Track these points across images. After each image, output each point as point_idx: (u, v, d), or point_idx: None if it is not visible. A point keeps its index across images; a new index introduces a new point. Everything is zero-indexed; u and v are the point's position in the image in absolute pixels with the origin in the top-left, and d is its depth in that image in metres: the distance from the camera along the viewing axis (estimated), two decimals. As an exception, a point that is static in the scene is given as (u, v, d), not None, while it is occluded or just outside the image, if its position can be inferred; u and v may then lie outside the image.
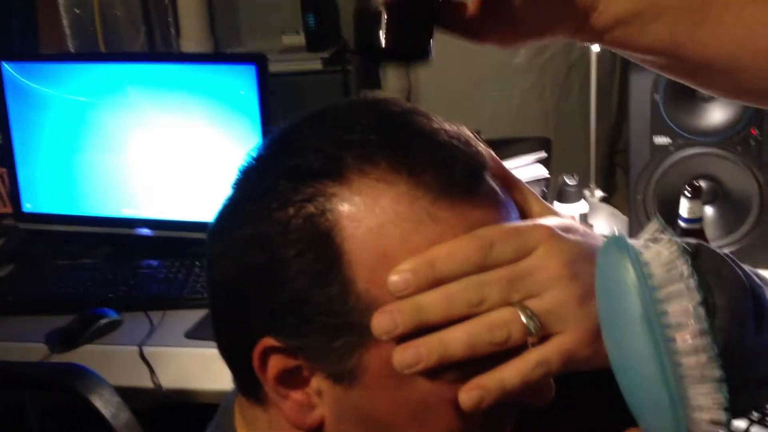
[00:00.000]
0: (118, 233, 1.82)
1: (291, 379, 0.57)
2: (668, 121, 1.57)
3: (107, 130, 1.79)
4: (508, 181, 0.60)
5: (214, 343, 0.62)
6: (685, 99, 1.56)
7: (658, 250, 0.49)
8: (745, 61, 0.64)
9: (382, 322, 0.52)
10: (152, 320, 1.58)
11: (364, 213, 0.53)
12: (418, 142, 0.55)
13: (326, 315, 0.54)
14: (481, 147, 0.58)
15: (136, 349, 1.49)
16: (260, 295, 0.55)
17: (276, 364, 0.56)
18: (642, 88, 1.56)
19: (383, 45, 0.59)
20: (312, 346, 0.55)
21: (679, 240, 0.49)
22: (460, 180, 0.54)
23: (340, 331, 0.54)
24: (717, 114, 1.56)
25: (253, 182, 0.58)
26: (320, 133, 0.57)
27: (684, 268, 0.48)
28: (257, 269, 0.55)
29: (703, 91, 0.71)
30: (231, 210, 0.59)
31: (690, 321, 0.47)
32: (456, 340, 0.51)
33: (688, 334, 0.47)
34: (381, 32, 0.59)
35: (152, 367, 1.43)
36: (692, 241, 0.62)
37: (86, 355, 1.48)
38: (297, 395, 0.57)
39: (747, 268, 0.63)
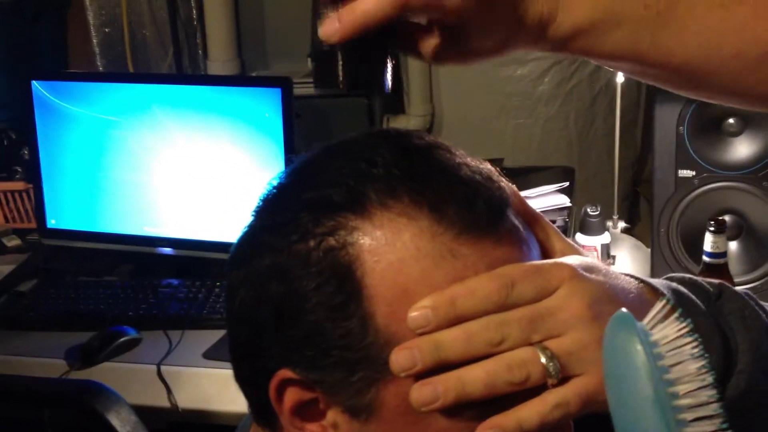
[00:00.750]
0: (140, 251, 1.84)
1: (307, 412, 0.57)
2: (693, 154, 1.56)
3: (133, 149, 1.80)
4: (531, 218, 0.59)
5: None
6: (711, 132, 1.55)
7: (667, 329, 0.47)
8: (713, 66, 0.63)
9: (400, 359, 0.51)
10: (171, 339, 1.58)
11: (386, 247, 0.53)
12: (440, 177, 0.55)
13: (344, 349, 0.53)
14: (504, 183, 0.58)
15: (154, 368, 1.49)
16: (278, 326, 0.55)
17: (292, 396, 0.56)
18: (667, 121, 1.56)
19: (339, 81, 0.59)
20: (329, 379, 0.55)
21: (688, 320, 0.48)
22: (482, 216, 0.54)
23: (358, 366, 0.54)
24: (742, 148, 1.55)
25: (273, 212, 0.59)
26: (342, 165, 0.57)
27: (693, 348, 0.47)
28: (276, 300, 0.55)
29: (676, 92, 0.70)
30: (251, 239, 0.59)
31: (701, 402, 0.46)
32: (475, 378, 0.50)
33: (700, 417, 0.46)
34: (337, 71, 0.59)
35: (169, 386, 1.44)
36: (714, 281, 0.61)
37: (105, 373, 1.48)
38: (313, 427, 0.57)
39: None
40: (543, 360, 0.50)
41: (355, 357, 0.53)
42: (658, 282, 0.59)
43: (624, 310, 0.48)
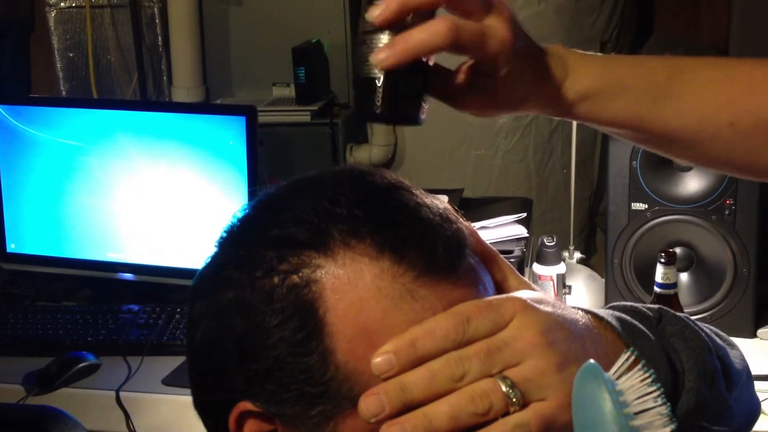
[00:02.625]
0: (100, 277, 1.83)
1: None
2: (645, 188, 1.61)
3: (96, 174, 1.81)
4: (488, 257, 0.62)
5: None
6: (662, 167, 1.60)
7: (631, 380, 0.51)
8: (708, 135, 0.69)
9: (369, 405, 0.52)
10: (130, 365, 1.58)
11: (348, 286, 0.55)
12: (401, 218, 0.57)
13: (305, 383, 0.55)
14: (462, 224, 0.60)
15: (113, 393, 1.49)
16: (240, 360, 0.57)
17: (252, 427, 0.57)
18: (621, 155, 1.60)
19: (378, 111, 0.62)
20: (289, 412, 0.56)
21: (651, 371, 0.51)
22: (441, 259, 0.56)
23: (317, 400, 0.55)
24: (693, 183, 1.60)
25: (238, 247, 0.59)
26: (307, 203, 0.58)
27: (656, 396, 0.50)
28: (239, 335, 0.56)
29: (675, 160, 0.76)
30: (215, 271, 0.60)
31: None
32: (440, 413, 0.52)
33: None
34: (377, 98, 0.62)
35: (128, 412, 1.44)
36: (654, 306, 0.64)
37: (63, 398, 1.48)
38: None
39: (707, 328, 0.65)
40: (504, 389, 0.52)
41: (315, 391, 0.55)
42: (603, 312, 0.62)
43: (592, 361, 0.51)
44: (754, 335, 1.63)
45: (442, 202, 0.60)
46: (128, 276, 1.82)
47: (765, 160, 0.71)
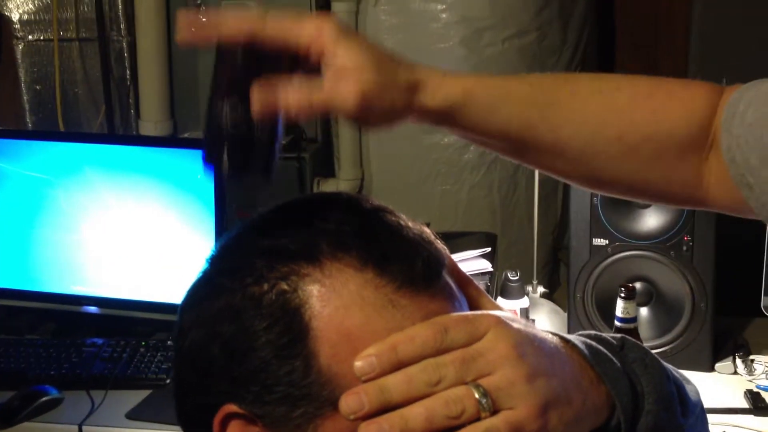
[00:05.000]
0: (63, 310, 1.82)
1: None
2: (606, 224, 1.65)
3: (62, 207, 1.81)
4: (463, 280, 0.65)
5: (155, 425, 0.64)
6: (623, 204, 1.64)
7: None
8: (598, 147, 0.71)
9: (350, 402, 0.55)
10: (94, 399, 1.57)
11: (333, 294, 0.58)
12: (385, 235, 0.61)
13: (288, 385, 0.58)
14: (440, 245, 0.64)
15: (75, 428, 1.48)
16: (227, 363, 0.59)
17: (235, 429, 0.59)
18: (582, 192, 1.64)
19: (225, 165, 0.64)
20: (272, 414, 0.59)
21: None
22: (420, 273, 0.60)
23: (299, 402, 0.58)
24: (652, 220, 1.64)
25: (230, 258, 0.63)
26: (298, 220, 0.62)
27: None
28: (227, 339, 0.59)
29: (559, 179, 0.78)
30: (205, 283, 0.63)
31: None
32: (416, 414, 0.55)
33: None
34: (224, 154, 0.64)
35: (91, 447, 1.43)
36: (617, 335, 0.67)
37: (25, 433, 1.46)
38: None
39: (663, 363, 0.68)
40: (476, 395, 0.55)
41: (298, 393, 0.58)
42: (570, 336, 0.65)
43: None
44: (712, 369, 1.66)
45: (423, 225, 0.64)
46: (93, 309, 1.81)
47: (653, 178, 0.74)
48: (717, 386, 1.62)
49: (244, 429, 0.59)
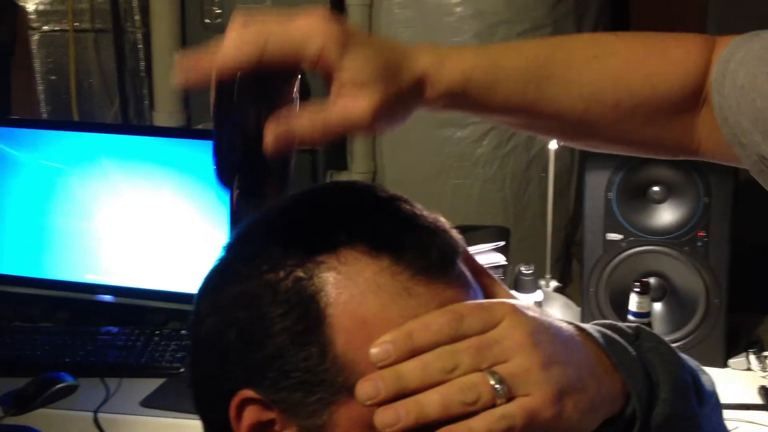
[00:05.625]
0: (78, 298, 1.83)
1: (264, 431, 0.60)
2: (621, 219, 1.64)
3: (77, 196, 1.82)
4: (476, 269, 0.65)
5: (169, 413, 0.65)
6: (637, 199, 1.64)
7: None
8: (595, 115, 0.71)
9: (366, 388, 0.56)
10: (108, 387, 1.58)
11: (349, 282, 0.59)
12: (401, 224, 0.62)
13: (304, 372, 0.58)
14: (455, 234, 0.64)
15: (90, 415, 1.49)
16: (243, 349, 0.60)
17: (251, 414, 0.60)
18: (597, 187, 1.64)
19: (236, 193, 0.63)
20: (288, 400, 0.59)
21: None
22: (435, 261, 0.60)
23: (315, 388, 0.58)
24: (666, 215, 1.64)
25: (245, 246, 0.64)
26: (315, 209, 0.63)
27: None
28: (243, 325, 0.60)
29: (565, 143, 0.78)
30: (222, 270, 0.64)
31: None
32: (432, 401, 0.55)
33: None
34: (236, 181, 0.63)
35: (106, 434, 1.43)
36: (632, 324, 0.68)
37: (40, 419, 1.47)
38: None
39: (678, 352, 0.68)
40: (492, 382, 0.56)
41: (314, 380, 0.58)
42: (585, 325, 0.65)
43: None
44: (725, 365, 1.66)
45: (437, 215, 0.65)
46: (107, 298, 1.82)
47: (649, 135, 0.74)
48: (730, 382, 1.61)
49: (260, 414, 0.60)
